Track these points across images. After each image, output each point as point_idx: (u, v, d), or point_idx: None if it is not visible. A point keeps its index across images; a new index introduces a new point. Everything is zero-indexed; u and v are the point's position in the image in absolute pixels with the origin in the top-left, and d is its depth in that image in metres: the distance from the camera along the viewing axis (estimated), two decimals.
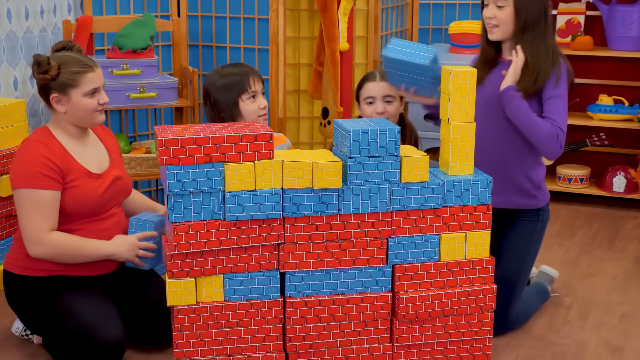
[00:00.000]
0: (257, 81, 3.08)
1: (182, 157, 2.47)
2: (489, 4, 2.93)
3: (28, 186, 2.69)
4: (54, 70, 2.72)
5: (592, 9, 4.67)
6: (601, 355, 2.92)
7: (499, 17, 2.90)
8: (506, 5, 2.89)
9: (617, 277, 3.62)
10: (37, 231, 2.70)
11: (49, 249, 2.71)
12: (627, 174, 4.52)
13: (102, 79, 2.82)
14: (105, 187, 2.82)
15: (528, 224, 3.07)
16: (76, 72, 2.74)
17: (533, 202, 3.07)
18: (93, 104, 2.78)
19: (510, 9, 2.89)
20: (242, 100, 3.05)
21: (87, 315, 2.69)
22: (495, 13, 2.91)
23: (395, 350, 2.74)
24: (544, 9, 2.91)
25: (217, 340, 2.61)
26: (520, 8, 2.88)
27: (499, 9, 2.90)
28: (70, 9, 4.01)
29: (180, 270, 2.54)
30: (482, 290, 2.74)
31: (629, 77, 4.71)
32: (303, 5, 4.38)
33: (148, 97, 3.84)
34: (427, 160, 2.64)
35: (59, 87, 2.75)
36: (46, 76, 2.73)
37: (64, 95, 2.75)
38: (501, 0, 2.89)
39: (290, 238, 2.59)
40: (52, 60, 2.74)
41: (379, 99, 3.18)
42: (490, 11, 2.92)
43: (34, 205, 2.69)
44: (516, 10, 2.89)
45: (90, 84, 2.76)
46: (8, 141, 3.42)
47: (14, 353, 2.89)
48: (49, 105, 2.79)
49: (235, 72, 3.08)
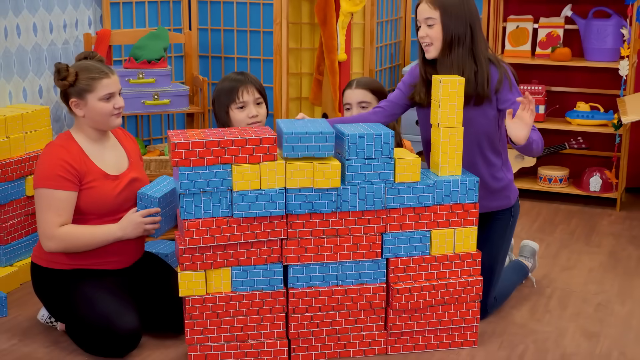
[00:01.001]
0: (249, 92, 2.98)
1: (193, 159, 2.46)
2: (421, 25, 2.92)
3: (45, 186, 2.69)
4: (71, 76, 2.73)
5: (570, 23, 4.66)
6: (579, 342, 2.91)
7: (430, 36, 2.88)
8: (435, 24, 2.87)
9: (593, 270, 3.61)
10: (49, 227, 2.69)
11: (60, 242, 2.70)
12: (602, 174, 4.52)
13: (118, 85, 2.81)
14: (121, 187, 2.80)
15: (501, 221, 3.06)
16: (92, 78, 2.74)
17: (506, 202, 3.05)
18: (108, 108, 2.77)
19: (439, 27, 2.87)
20: (232, 109, 2.99)
21: (106, 306, 2.68)
22: (427, 32, 2.89)
23: (390, 337, 2.73)
24: (469, 24, 2.87)
25: (226, 327, 2.60)
26: (445, 25, 2.86)
27: (429, 28, 2.89)
28: (91, 23, 4.01)
29: (191, 263, 2.53)
30: (469, 281, 2.74)
31: (604, 85, 4.70)
32: (304, 19, 4.37)
33: (162, 103, 3.83)
34: (419, 162, 2.63)
35: (77, 92, 2.74)
36: (65, 82, 2.73)
37: (81, 100, 2.75)
38: (430, 19, 2.88)
39: (293, 234, 2.59)
40: (70, 68, 2.74)
41: (354, 104, 3.18)
42: (423, 31, 2.90)
43: (48, 203, 2.68)
44: (443, 27, 2.86)
45: (105, 89, 2.75)
46: (33, 144, 3.41)
47: (39, 339, 2.89)
48: (70, 110, 2.79)
49: (231, 80, 3.01)
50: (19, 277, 3.35)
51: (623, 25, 4.39)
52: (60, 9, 3.80)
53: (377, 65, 4.65)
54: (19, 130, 3.35)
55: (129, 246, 2.85)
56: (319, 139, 2.51)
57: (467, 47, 2.87)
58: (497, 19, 4.67)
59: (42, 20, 3.69)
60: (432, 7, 2.86)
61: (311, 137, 2.50)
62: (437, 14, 2.85)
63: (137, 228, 2.74)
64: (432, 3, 2.86)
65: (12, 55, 3.55)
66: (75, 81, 2.73)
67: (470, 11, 2.87)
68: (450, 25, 2.85)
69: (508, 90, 2.88)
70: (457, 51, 2.86)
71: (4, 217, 3.30)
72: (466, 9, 2.86)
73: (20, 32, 3.58)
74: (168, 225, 2.83)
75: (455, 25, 2.85)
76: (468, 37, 2.87)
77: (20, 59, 3.59)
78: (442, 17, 2.85)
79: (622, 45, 4.40)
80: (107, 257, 2.82)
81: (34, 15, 3.64)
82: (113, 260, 2.83)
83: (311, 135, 2.50)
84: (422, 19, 2.89)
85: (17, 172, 3.31)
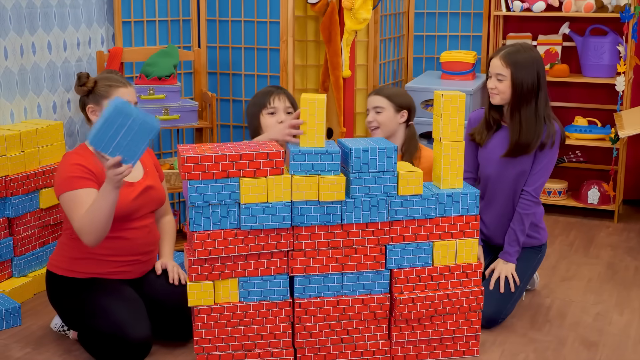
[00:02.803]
0: (280, 99, 3.06)
1: (202, 173, 2.47)
2: (492, 77, 3.08)
3: (65, 190, 2.69)
4: (90, 82, 2.78)
5: (568, 40, 4.67)
6: (578, 351, 2.90)
7: (499, 88, 3.05)
8: (505, 80, 3.04)
9: (592, 280, 3.60)
10: (74, 222, 2.67)
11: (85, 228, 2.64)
12: (600, 187, 4.51)
13: (134, 96, 2.82)
14: (136, 194, 2.80)
15: (530, 255, 3.21)
16: (109, 85, 2.78)
17: (536, 241, 3.23)
18: None
19: (508, 82, 3.03)
20: (262, 115, 3.05)
21: (118, 315, 2.68)
22: (496, 84, 3.06)
23: (393, 347, 2.73)
24: (537, 84, 3.03)
25: (233, 337, 2.60)
26: (515, 82, 3.02)
27: (499, 82, 3.05)
28: (103, 41, 4.03)
29: (199, 274, 2.53)
30: (471, 292, 2.73)
31: (602, 101, 4.70)
32: (310, 37, 4.39)
33: (171, 119, 3.84)
34: (421, 175, 2.63)
35: (94, 99, 2.78)
36: (84, 88, 2.78)
37: (98, 106, 2.78)
38: (500, 75, 3.04)
39: (299, 245, 2.58)
40: (90, 76, 2.80)
41: (371, 109, 3.28)
42: (492, 82, 3.07)
43: (72, 204, 2.68)
44: (513, 83, 3.02)
45: (121, 96, 2.76)
46: (47, 159, 3.43)
47: (52, 347, 2.89)
48: (87, 118, 2.81)
49: (267, 89, 3.13)
50: (33, 288, 3.35)
51: (619, 43, 4.40)
52: (74, 27, 3.82)
53: (381, 82, 4.66)
54: (34, 145, 3.37)
55: (142, 259, 2.86)
56: (325, 157, 2.52)
57: (532, 106, 3.03)
58: (497, 36, 4.68)
59: (56, 39, 3.71)
60: (504, 65, 3.02)
61: (317, 156, 2.51)
62: (509, 71, 3.01)
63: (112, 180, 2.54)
64: (505, 61, 3.02)
65: (28, 73, 3.57)
66: (94, 88, 2.77)
67: (538, 72, 3.03)
68: (519, 84, 3.01)
69: (549, 149, 3.06)
70: (525, 110, 3.02)
71: (19, 229, 3.31)
72: (535, 70, 3.02)
73: (35, 50, 3.60)
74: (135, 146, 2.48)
75: (523, 84, 3.01)
76: (533, 96, 3.02)
77: (35, 76, 3.61)
78: (513, 74, 3.01)
79: (618, 61, 4.40)
80: (122, 267, 2.83)
81: (48, 34, 3.66)
82: (127, 270, 2.84)
83: (317, 153, 2.51)
84: (493, 72, 3.07)
85: (31, 186, 3.33)
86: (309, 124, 2.54)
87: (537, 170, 3.09)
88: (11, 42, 3.45)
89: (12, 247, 3.29)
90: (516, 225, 3.10)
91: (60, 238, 2.90)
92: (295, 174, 2.52)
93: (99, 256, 2.79)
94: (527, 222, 3.11)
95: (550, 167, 3.10)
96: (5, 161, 3.22)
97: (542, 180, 3.10)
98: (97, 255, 2.79)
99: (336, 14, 4.14)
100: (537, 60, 3.04)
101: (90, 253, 2.78)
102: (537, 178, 3.09)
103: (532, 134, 3.02)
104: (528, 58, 3.02)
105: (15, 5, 3.46)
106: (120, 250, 2.81)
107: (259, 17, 4.28)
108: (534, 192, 3.10)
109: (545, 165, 3.09)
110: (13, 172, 3.25)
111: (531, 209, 3.10)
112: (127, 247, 2.81)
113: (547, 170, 3.10)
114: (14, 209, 3.25)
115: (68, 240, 2.83)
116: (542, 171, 3.09)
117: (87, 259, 2.80)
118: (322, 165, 2.52)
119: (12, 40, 3.45)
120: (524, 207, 3.10)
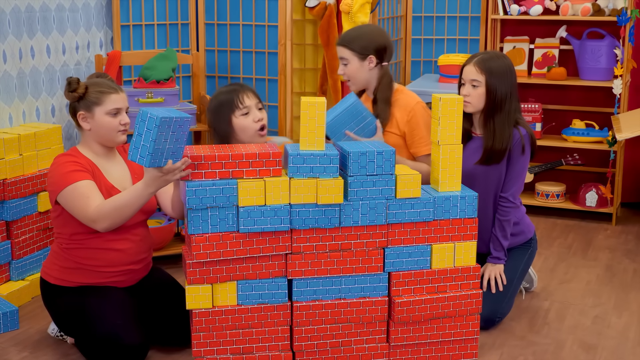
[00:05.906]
0: (249, 97, 2.82)
1: (205, 173, 2.45)
2: (465, 84, 3.05)
3: (63, 187, 2.65)
4: (81, 89, 2.72)
5: (565, 43, 4.66)
6: (577, 353, 2.88)
7: (472, 95, 3.02)
8: (479, 86, 3.01)
9: (590, 283, 3.58)
10: (87, 212, 2.62)
11: (105, 219, 2.61)
12: (598, 190, 4.49)
13: (125, 102, 2.79)
14: None
15: (518, 253, 3.21)
16: (101, 92, 2.73)
17: (522, 237, 3.23)
18: (114, 123, 2.75)
19: (482, 89, 3.01)
20: (235, 117, 2.81)
21: (113, 321, 2.66)
22: (470, 91, 3.03)
23: (392, 350, 2.71)
24: (510, 92, 3.02)
25: (231, 340, 2.58)
26: (489, 89, 3.00)
27: (473, 88, 3.02)
28: (102, 45, 4.02)
29: (198, 277, 2.51)
30: (469, 295, 2.71)
31: (599, 104, 4.69)
32: (308, 41, 4.38)
33: None
34: (419, 178, 2.62)
35: (85, 105, 2.73)
36: (74, 94, 2.72)
37: (88, 113, 2.74)
38: (476, 81, 3.01)
39: (297, 248, 2.57)
40: (81, 82, 2.74)
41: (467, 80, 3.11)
42: (466, 90, 3.04)
43: (74, 197, 2.63)
44: (487, 89, 3.00)
45: (112, 103, 2.73)
46: (45, 162, 3.41)
47: (49, 352, 2.86)
48: (77, 124, 2.77)
49: (227, 91, 2.84)
50: (31, 291, 3.33)
51: (616, 46, 4.39)
52: (73, 31, 3.80)
53: None
54: (32, 148, 3.35)
55: (135, 267, 2.83)
56: (323, 160, 2.50)
57: (505, 113, 3.02)
58: (495, 40, 4.67)
59: (55, 42, 3.70)
60: (479, 71, 3.00)
61: (316, 159, 2.49)
62: (483, 77, 3.00)
63: (157, 181, 2.51)
64: (480, 67, 3.01)
65: (27, 76, 3.55)
66: (85, 94, 2.73)
67: (511, 80, 3.03)
68: (493, 90, 2.99)
69: (521, 154, 3.04)
70: (498, 118, 3.01)
71: (17, 232, 3.29)
72: (509, 77, 3.02)
73: (34, 53, 3.58)
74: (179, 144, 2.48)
75: (497, 90, 2.99)
76: (507, 103, 3.01)
77: (33, 79, 3.59)
78: (487, 81, 2.99)
79: (615, 65, 4.39)
80: (116, 277, 2.80)
81: (47, 38, 3.65)
82: (120, 279, 2.81)
83: (316, 156, 2.49)
84: (467, 79, 3.03)
85: (29, 189, 3.31)
86: (309, 127, 2.52)
87: (512, 176, 3.08)
88: (10, 45, 3.43)
89: (10, 251, 3.27)
90: (498, 232, 3.11)
91: (52, 245, 2.85)
92: (293, 176, 2.50)
93: (91, 267, 2.75)
94: (508, 228, 3.11)
95: (524, 171, 3.10)
96: (4, 164, 3.20)
97: (517, 185, 3.10)
98: (89, 266, 2.75)
99: (334, 17, 4.13)
100: (510, 68, 3.04)
101: (82, 264, 2.75)
102: (512, 184, 3.08)
103: (506, 140, 3.01)
104: (502, 65, 3.01)
105: (14, 9, 3.44)
106: (112, 261, 2.76)
107: (257, 21, 4.27)
108: (511, 197, 3.09)
109: (519, 170, 3.08)
110: (11, 175, 3.24)
111: (510, 214, 3.10)
112: (120, 258, 2.77)
113: (521, 175, 3.10)
114: (12, 212, 3.23)
115: (60, 250, 2.79)
116: (517, 176, 3.08)
117: (79, 269, 2.76)
118: (320, 168, 2.50)
119: (11, 44, 3.44)
120: (502, 214, 3.10)
